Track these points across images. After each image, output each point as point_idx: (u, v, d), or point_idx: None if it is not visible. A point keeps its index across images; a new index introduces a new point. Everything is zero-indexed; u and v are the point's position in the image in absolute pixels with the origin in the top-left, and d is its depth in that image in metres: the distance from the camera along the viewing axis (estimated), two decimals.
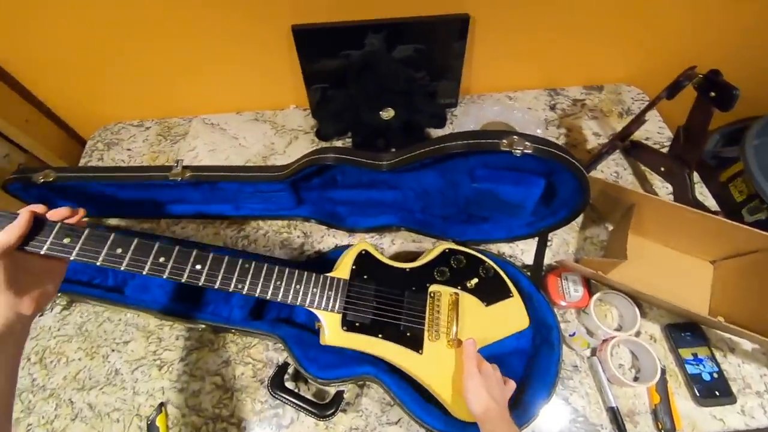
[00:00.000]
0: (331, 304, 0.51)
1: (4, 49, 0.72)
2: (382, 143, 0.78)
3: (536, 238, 0.66)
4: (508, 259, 0.66)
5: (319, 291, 0.51)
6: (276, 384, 0.57)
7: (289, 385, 0.57)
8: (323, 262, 0.64)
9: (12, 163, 0.77)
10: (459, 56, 0.74)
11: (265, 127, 0.85)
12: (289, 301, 0.50)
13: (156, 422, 0.59)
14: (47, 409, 0.60)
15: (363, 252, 0.56)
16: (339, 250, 0.63)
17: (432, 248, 0.59)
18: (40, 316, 0.68)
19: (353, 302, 0.52)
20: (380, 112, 0.75)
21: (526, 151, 0.43)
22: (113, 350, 0.64)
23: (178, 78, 0.80)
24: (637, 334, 0.60)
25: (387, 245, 0.70)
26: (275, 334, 0.59)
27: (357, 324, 0.51)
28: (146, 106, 0.86)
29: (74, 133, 0.88)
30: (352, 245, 0.59)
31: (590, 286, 0.63)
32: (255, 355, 0.63)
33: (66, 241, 0.41)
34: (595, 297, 0.60)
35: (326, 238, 0.71)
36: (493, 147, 0.44)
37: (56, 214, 0.42)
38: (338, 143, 0.82)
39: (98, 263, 0.42)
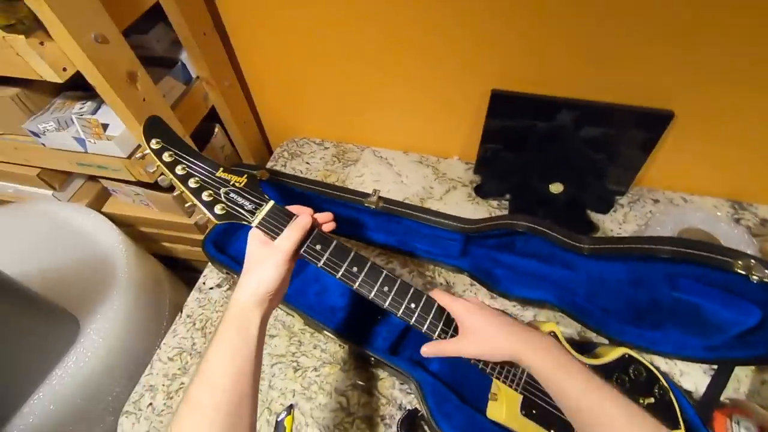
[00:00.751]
0: (516, 382, 0.50)
1: (249, 64, 0.87)
2: (542, 213, 0.77)
3: (709, 365, 0.60)
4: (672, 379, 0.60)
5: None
6: (406, 426, 0.58)
7: None
8: None
9: (224, 154, 0.91)
10: (647, 149, 0.72)
11: (426, 171, 0.90)
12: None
13: (284, 422, 0.63)
14: None
15: (551, 333, 0.55)
16: None
17: (608, 347, 0.56)
18: (210, 289, 0.77)
19: (531, 386, 0.51)
20: (549, 185, 0.75)
21: (765, 279, 0.40)
22: None
23: (365, 110, 0.89)
24: None
25: (529, 317, 0.69)
26: (412, 375, 0.60)
27: (534, 412, 0.49)
28: (330, 128, 0.97)
29: (267, 139, 1.03)
30: (540, 321, 0.58)
31: None
32: (381, 389, 0.65)
33: (318, 247, 0.46)
34: None
35: (467, 293, 0.72)
36: (724, 266, 0.42)
37: (322, 216, 0.48)
38: (494, 203, 0.83)
39: (337, 277, 0.46)
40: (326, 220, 0.49)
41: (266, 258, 0.43)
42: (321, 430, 0.61)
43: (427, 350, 0.48)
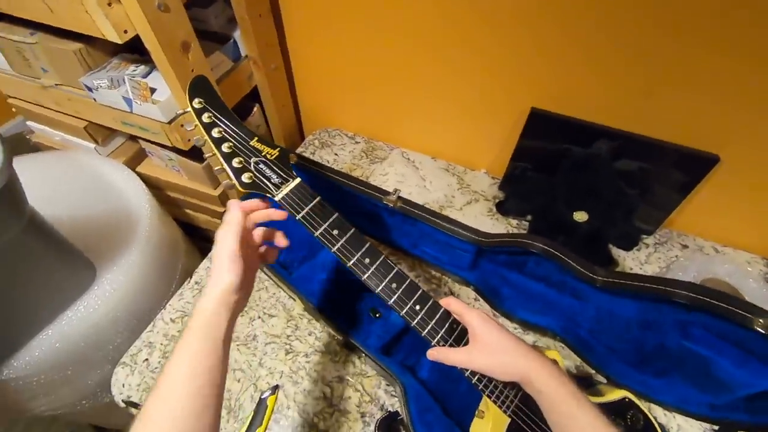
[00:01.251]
0: (506, 404, 0.48)
1: (297, 50, 0.90)
2: (562, 240, 0.75)
3: (711, 426, 0.56)
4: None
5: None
6: (384, 428, 0.57)
7: None
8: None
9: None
10: (684, 191, 0.68)
11: (451, 180, 0.89)
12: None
13: (267, 401, 0.63)
14: None
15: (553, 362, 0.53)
16: None
17: (608, 386, 0.54)
18: None
19: (522, 412, 0.49)
20: (574, 212, 0.73)
21: None
22: (259, 317, 0.71)
23: (400, 112, 0.90)
24: None
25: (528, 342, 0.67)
26: (399, 378, 0.59)
27: None
28: (364, 124, 0.98)
29: (301, 125, 1.05)
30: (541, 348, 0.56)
31: None
32: (366, 386, 0.64)
33: (335, 233, 0.47)
34: None
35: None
36: (743, 321, 0.39)
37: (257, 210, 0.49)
38: (513, 221, 0.82)
39: (348, 265, 0.47)
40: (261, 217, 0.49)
41: (220, 264, 0.43)
42: (300, 414, 0.62)
43: (434, 354, 0.46)
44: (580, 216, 0.73)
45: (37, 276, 0.70)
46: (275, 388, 0.64)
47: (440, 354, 0.45)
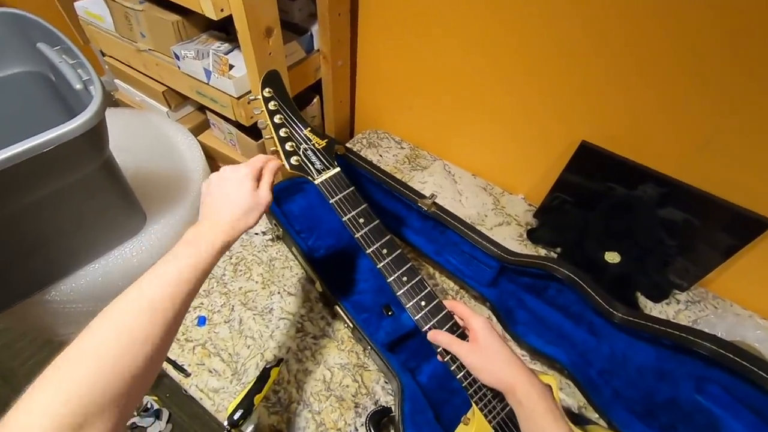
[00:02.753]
0: (493, 414, 0.49)
1: (365, 52, 0.95)
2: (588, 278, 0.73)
3: None
4: None
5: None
6: (374, 421, 0.58)
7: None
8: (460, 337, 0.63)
9: (312, 124, 1.00)
10: (727, 252, 0.66)
11: (487, 199, 0.90)
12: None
13: (270, 371, 0.66)
14: (217, 301, 0.73)
15: (548, 386, 0.52)
16: None
17: (601, 428, 0.52)
18: (255, 234, 0.84)
19: (506, 425, 0.49)
20: (606, 252, 0.72)
21: None
22: (278, 293, 0.75)
23: (451, 126, 0.92)
24: None
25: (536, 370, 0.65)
26: (398, 377, 0.60)
27: None
28: (413, 131, 1.01)
29: (353, 123, 1.10)
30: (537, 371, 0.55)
31: None
32: (365, 379, 0.65)
33: (361, 221, 0.52)
34: None
35: None
36: (761, 381, 0.37)
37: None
38: (542, 251, 0.81)
39: (367, 252, 0.51)
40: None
41: (240, 201, 0.46)
42: (298, 391, 0.64)
43: (438, 336, 0.48)
44: (612, 257, 0.71)
45: (99, 212, 0.77)
46: (280, 361, 0.67)
47: (443, 337, 0.47)
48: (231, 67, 0.82)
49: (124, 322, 0.34)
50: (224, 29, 0.91)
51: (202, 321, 0.70)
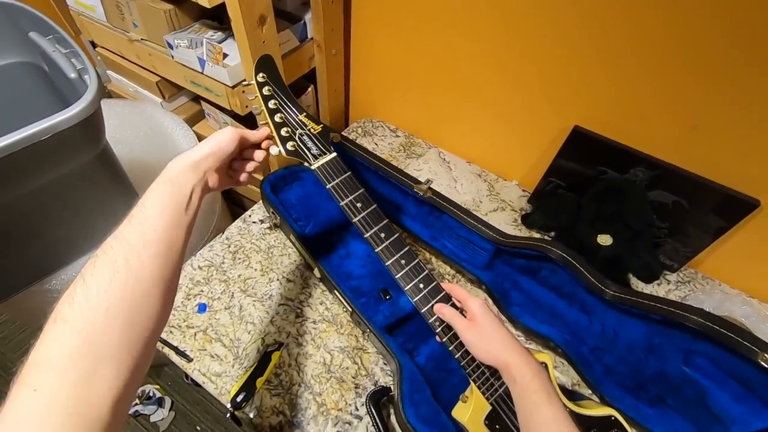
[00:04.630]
0: (491, 392, 0.50)
1: (359, 40, 0.96)
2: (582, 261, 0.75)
3: None
4: None
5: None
6: (374, 401, 0.60)
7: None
8: None
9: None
10: (715, 233, 0.67)
11: (482, 186, 0.91)
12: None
13: (271, 355, 0.68)
14: (216, 288, 0.74)
15: (543, 364, 0.54)
16: None
17: (595, 403, 0.54)
18: (253, 222, 0.85)
19: (504, 403, 0.51)
20: (599, 235, 0.73)
21: None
22: (278, 279, 0.76)
23: (446, 113, 0.93)
24: None
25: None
26: (397, 357, 0.61)
27: (497, 426, 0.49)
28: (408, 119, 1.02)
29: (347, 112, 1.11)
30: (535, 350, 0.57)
31: None
32: (365, 361, 0.67)
33: (359, 205, 0.53)
34: None
35: None
36: (748, 354, 0.39)
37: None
38: (536, 235, 0.82)
39: (365, 236, 0.51)
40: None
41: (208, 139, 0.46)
42: (298, 374, 0.65)
43: (443, 309, 0.49)
44: (604, 239, 0.73)
45: (97, 202, 0.78)
46: (280, 346, 0.68)
47: (445, 308, 0.49)
48: (225, 56, 0.82)
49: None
50: (217, 18, 0.91)
51: (202, 308, 0.71)
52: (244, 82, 0.84)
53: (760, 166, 0.62)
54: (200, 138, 1.08)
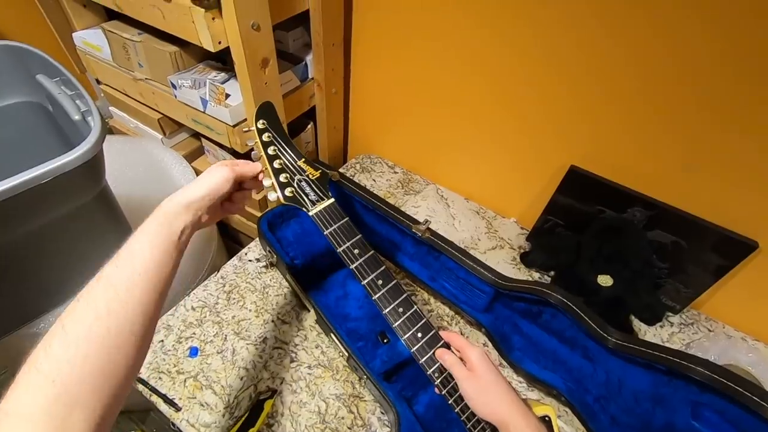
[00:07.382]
0: None
1: (358, 79, 0.98)
2: (583, 301, 0.74)
3: None
4: None
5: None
6: None
7: None
8: None
9: (306, 150, 1.02)
10: (716, 274, 0.67)
11: (480, 223, 0.91)
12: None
13: (264, 403, 0.65)
14: (209, 330, 0.72)
15: (546, 417, 0.52)
16: None
17: None
18: (249, 261, 0.84)
19: None
20: (599, 275, 0.72)
21: None
22: (273, 321, 0.74)
23: (444, 150, 0.94)
24: None
25: (533, 398, 0.65)
26: (395, 407, 0.59)
27: None
28: (406, 156, 1.03)
29: (346, 148, 1.12)
30: (534, 400, 0.55)
31: None
32: (361, 410, 0.64)
33: (356, 251, 0.52)
34: None
35: None
36: (756, 409, 0.38)
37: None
38: (536, 274, 0.81)
39: (362, 283, 0.51)
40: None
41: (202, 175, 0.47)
42: (292, 424, 0.62)
43: (444, 355, 0.48)
44: (605, 280, 0.72)
45: (90, 240, 0.76)
46: (273, 393, 0.66)
47: (447, 354, 0.48)
48: (227, 96, 0.84)
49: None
50: (221, 59, 0.93)
51: (194, 352, 0.69)
52: (244, 126, 0.86)
53: (757, 207, 0.62)
54: (199, 174, 1.09)
